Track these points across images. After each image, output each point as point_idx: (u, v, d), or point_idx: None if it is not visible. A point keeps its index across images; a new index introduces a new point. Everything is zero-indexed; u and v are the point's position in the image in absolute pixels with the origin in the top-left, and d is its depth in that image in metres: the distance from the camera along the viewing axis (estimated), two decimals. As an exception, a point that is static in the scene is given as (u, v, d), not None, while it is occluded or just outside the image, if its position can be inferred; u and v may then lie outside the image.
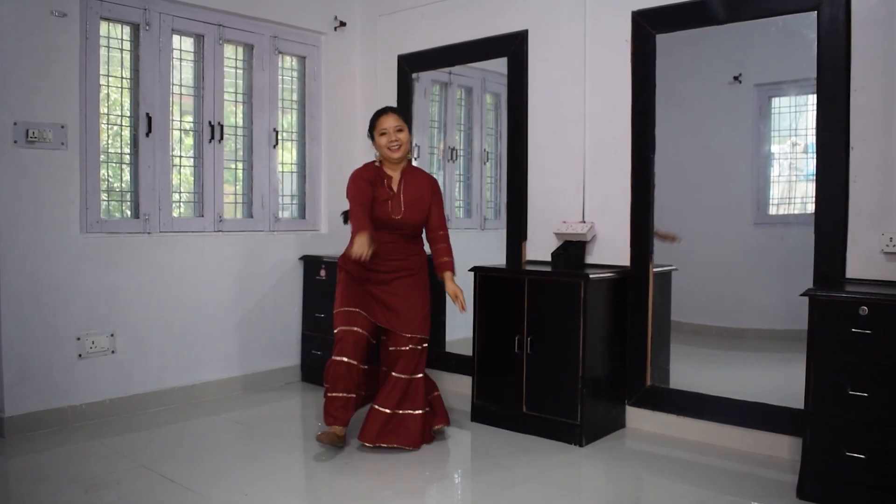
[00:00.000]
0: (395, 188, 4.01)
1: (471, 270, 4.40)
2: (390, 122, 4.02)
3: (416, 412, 3.96)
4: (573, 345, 3.95)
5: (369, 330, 3.95)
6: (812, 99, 3.74)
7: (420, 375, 4.02)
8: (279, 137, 5.35)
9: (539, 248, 4.65)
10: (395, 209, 3.97)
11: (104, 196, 4.51)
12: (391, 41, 5.50)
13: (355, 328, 3.91)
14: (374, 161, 4.09)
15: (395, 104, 5.39)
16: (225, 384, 4.98)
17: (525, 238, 4.73)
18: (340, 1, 5.59)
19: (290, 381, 5.35)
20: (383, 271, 3.99)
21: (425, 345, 4.07)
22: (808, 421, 3.18)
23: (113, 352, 4.44)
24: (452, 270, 4.10)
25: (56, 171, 4.19)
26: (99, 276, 4.38)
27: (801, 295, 3.19)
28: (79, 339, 4.30)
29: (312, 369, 5.30)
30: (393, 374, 3.99)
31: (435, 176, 5.57)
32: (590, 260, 4.43)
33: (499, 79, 5.04)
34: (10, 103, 3.99)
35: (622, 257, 4.29)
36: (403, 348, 3.99)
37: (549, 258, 4.48)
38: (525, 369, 4.14)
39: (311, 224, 5.57)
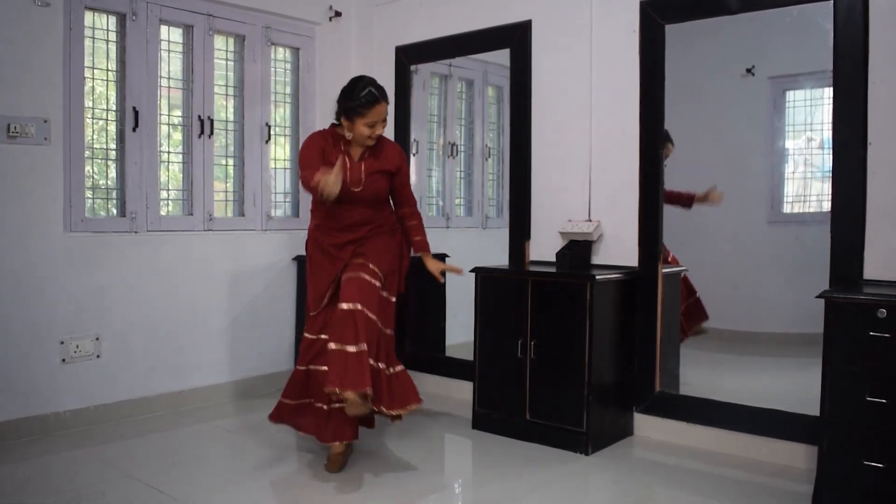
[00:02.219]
0: (355, 156, 3.74)
1: (472, 271, 4.34)
2: (381, 114, 3.67)
3: (398, 368, 3.74)
4: (579, 349, 3.89)
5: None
6: (828, 92, 3.71)
7: (389, 331, 3.76)
8: (272, 132, 5.28)
9: (543, 247, 4.60)
10: (355, 181, 3.67)
11: (89, 193, 4.45)
12: (388, 32, 5.45)
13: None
14: (333, 126, 3.83)
15: (392, 98, 5.29)
16: (215, 390, 4.92)
17: (528, 237, 4.68)
18: (336, -10, 5.56)
19: (281, 388, 5.17)
20: (352, 240, 3.74)
21: (392, 298, 3.81)
22: (825, 429, 3.13)
23: (98, 356, 4.38)
24: (428, 250, 4.00)
25: (39, 168, 4.12)
26: (83, 277, 4.31)
27: (817, 297, 3.14)
28: (62, 342, 4.23)
29: (306, 373, 5.21)
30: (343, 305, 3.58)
31: (434, 172, 5.61)
32: (596, 260, 4.38)
33: (501, 71, 4.99)
34: (-9, 97, 3.95)
35: (630, 257, 4.24)
36: (359, 274, 3.64)
37: (553, 258, 4.43)
38: (528, 375, 4.08)
39: (305, 223, 5.39)
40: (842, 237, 3.52)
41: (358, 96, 3.62)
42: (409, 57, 5.31)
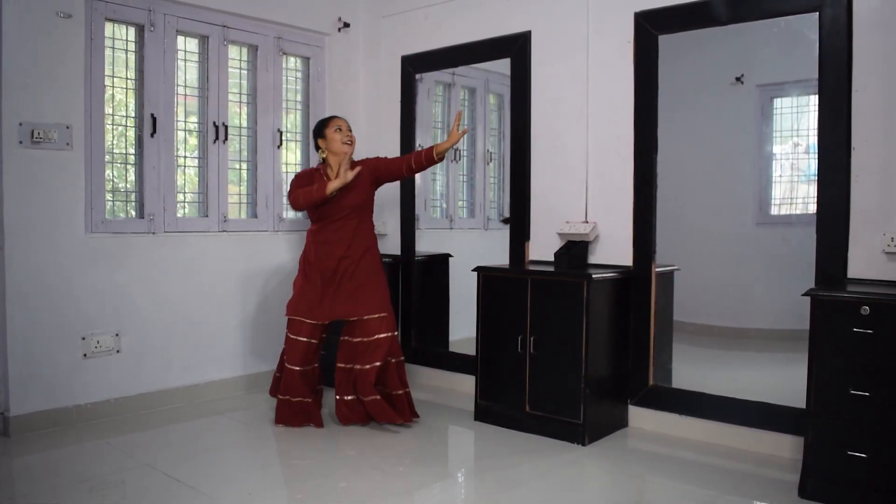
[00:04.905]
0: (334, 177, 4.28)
1: (474, 270, 4.42)
2: (344, 123, 4.35)
3: (399, 391, 4.30)
4: (576, 344, 3.96)
5: (314, 335, 4.28)
6: (814, 100, 3.75)
7: (395, 360, 4.32)
8: (283, 138, 5.36)
9: (542, 248, 4.66)
10: (341, 192, 4.20)
11: (109, 196, 4.52)
12: (395, 42, 5.51)
13: (301, 337, 4.26)
14: (320, 165, 4.40)
15: (398, 105, 5.46)
16: (229, 384, 5.00)
17: (528, 238, 4.74)
18: (344, 2, 5.61)
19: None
20: (340, 259, 4.25)
21: (395, 332, 4.32)
22: (810, 420, 3.19)
23: (118, 351, 4.46)
24: (432, 146, 4.32)
25: (61, 172, 4.20)
26: (104, 275, 4.39)
27: (803, 295, 3.21)
28: (84, 338, 4.32)
29: (316, 369, 5.30)
30: (363, 366, 4.23)
31: (438, 176, 5.70)
32: (593, 260, 4.44)
33: (502, 79, 5.04)
34: (16, 104, 4.01)
35: (625, 257, 4.30)
36: (372, 338, 4.24)
37: (552, 258, 4.48)
38: (528, 369, 4.15)
39: (314, 224, 5.56)
40: (827, 238, 3.58)
41: (321, 120, 4.46)
42: (414, 66, 5.37)
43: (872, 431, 3.03)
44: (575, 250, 4.36)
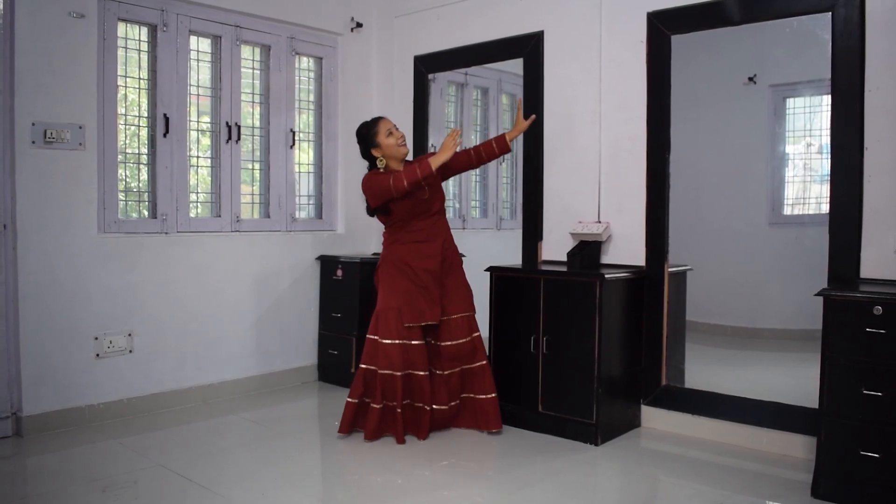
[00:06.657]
0: None
1: (487, 270, 4.43)
2: (390, 123, 4.14)
3: (489, 395, 4.17)
4: (589, 345, 3.96)
5: (417, 337, 4.08)
6: (827, 100, 3.76)
7: (484, 362, 4.20)
8: (296, 138, 5.38)
9: (555, 248, 4.67)
10: (421, 190, 4.05)
11: (122, 196, 4.54)
12: (407, 42, 5.53)
13: (399, 340, 4.03)
14: (377, 170, 4.16)
15: (411, 105, 5.48)
16: (242, 384, 5.01)
17: (541, 238, 4.74)
18: (357, 2, 5.63)
19: (306, 381, 5.38)
20: (443, 256, 4.15)
21: (478, 333, 4.23)
22: (823, 420, 3.19)
23: (130, 351, 4.48)
24: (504, 134, 4.25)
25: (74, 172, 4.22)
26: (116, 275, 4.41)
27: (816, 295, 3.21)
28: (96, 338, 4.33)
29: (329, 369, 5.35)
30: (471, 365, 4.19)
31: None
32: (605, 260, 4.45)
33: (515, 79, 5.05)
34: (29, 104, 4.03)
35: (638, 257, 4.31)
36: (469, 338, 4.17)
37: (564, 258, 4.49)
38: (541, 369, 4.16)
39: (327, 224, 5.60)
40: (839, 238, 3.58)
41: (365, 125, 4.18)
42: (426, 66, 5.38)
43: (885, 431, 3.03)
44: (588, 250, 4.37)
